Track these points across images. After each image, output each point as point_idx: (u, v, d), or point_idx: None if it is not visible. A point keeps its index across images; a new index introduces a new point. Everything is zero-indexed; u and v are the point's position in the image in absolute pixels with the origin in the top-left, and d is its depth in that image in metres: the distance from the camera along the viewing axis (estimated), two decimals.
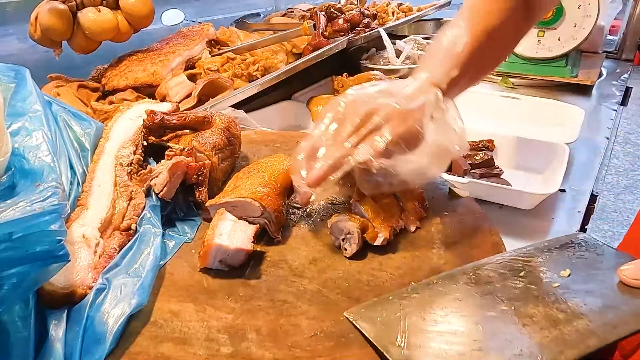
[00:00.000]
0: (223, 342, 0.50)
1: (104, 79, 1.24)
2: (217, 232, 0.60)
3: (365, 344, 0.50)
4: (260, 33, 1.56)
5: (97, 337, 0.49)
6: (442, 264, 0.62)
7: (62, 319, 0.50)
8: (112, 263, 0.56)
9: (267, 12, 1.92)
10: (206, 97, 1.16)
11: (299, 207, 0.72)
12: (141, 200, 0.64)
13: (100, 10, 1.16)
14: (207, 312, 0.54)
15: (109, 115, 1.10)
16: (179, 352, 0.49)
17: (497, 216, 0.88)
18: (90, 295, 0.52)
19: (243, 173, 0.70)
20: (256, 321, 0.53)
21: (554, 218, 0.92)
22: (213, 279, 0.59)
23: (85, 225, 0.58)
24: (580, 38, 1.36)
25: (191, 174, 0.68)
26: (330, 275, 0.59)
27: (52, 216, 0.45)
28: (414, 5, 1.87)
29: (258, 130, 1.04)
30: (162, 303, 0.55)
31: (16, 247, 0.43)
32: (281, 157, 0.72)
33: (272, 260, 0.62)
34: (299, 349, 0.49)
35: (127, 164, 0.67)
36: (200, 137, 0.74)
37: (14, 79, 0.66)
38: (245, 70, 1.28)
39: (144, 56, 1.27)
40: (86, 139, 0.68)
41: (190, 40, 1.34)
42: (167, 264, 0.61)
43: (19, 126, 0.60)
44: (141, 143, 0.70)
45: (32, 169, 0.55)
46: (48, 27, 1.12)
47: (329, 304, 0.55)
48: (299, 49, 1.43)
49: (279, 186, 0.67)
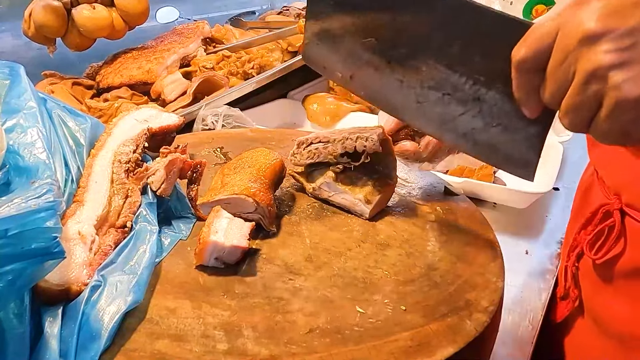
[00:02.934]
0: (219, 339, 0.50)
1: (99, 76, 1.23)
2: (212, 229, 0.60)
3: (360, 341, 0.50)
4: (256, 31, 1.56)
5: (93, 334, 0.49)
6: (436, 261, 0.62)
7: (58, 315, 0.49)
8: (107, 260, 0.56)
9: (263, 10, 1.92)
10: (201, 94, 1.16)
11: (292, 205, 0.72)
12: (137, 198, 0.64)
13: (95, 8, 1.15)
14: (203, 309, 0.54)
15: (104, 112, 1.10)
16: (175, 349, 0.49)
17: (492, 214, 0.89)
18: (85, 292, 0.52)
19: (228, 169, 0.70)
20: (252, 318, 0.53)
21: (548, 216, 0.93)
22: (209, 276, 0.59)
23: (80, 222, 0.58)
24: None
25: (186, 169, 0.68)
26: (325, 272, 0.60)
27: (47, 213, 0.45)
28: None
29: (254, 128, 1.05)
30: (158, 300, 0.55)
31: (11, 244, 0.43)
32: (265, 152, 0.72)
33: (268, 257, 0.62)
34: (295, 345, 0.50)
35: (126, 162, 0.67)
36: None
37: (8, 75, 0.66)
38: (241, 68, 1.28)
39: (138, 54, 1.27)
40: (81, 134, 0.68)
41: (185, 38, 1.34)
42: (163, 262, 0.61)
43: (14, 123, 0.60)
44: (142, 144, 0.70)
45: (27, 166, 0.55)
46: (42, 24, 1.12)
47: (324, 301, 0.55)
48: (295, 47, 1.43)
49: (267, 181, 0.67)
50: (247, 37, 1.45)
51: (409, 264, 0.61)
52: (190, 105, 1.12)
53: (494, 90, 0.51)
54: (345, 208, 0.70)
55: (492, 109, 0.52)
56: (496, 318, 0.57)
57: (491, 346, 0.60)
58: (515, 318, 0.72)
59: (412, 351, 0.49)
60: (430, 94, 0.55)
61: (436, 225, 0.69)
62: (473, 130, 0.54)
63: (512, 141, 0.52)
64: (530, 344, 0.70)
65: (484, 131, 0.53)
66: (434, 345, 0.50)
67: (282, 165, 0.72)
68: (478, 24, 0.50)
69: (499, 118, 0.52)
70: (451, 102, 0.54)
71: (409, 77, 0.57)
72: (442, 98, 0.55)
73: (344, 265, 0.61)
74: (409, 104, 0.58)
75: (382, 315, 0.54)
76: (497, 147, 0.53)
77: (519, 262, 0.83)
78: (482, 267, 0.62)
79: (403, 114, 0.61)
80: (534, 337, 0.71)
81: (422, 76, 0.55)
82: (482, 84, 0.51)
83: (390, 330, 0.52)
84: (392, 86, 0.58)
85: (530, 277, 0.81)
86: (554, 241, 0.88)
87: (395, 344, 0.50)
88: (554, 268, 0.83)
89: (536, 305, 0.75)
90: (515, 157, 0.53)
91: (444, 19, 0.52)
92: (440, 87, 0.54)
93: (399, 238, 0.66)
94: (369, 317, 0.53)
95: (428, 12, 0.53)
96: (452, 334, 0.52)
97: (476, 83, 0.52)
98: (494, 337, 0.60)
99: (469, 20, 0.51)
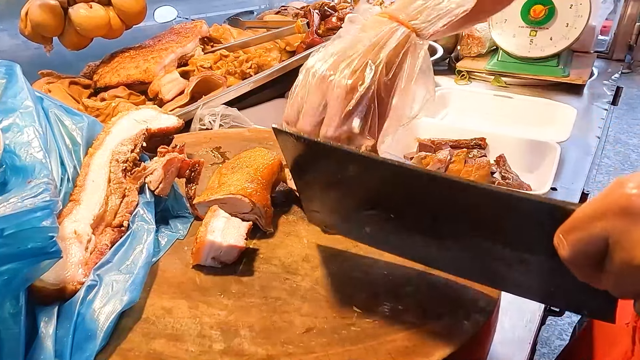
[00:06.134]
0: (216, 339, 0.50)
1: (96, 75, 1.23)
2: (209, 229, 0.60)
3: (357, 340, 0.50)
4: (254, 30, 1.56)
5: (88, 334, 0.48)
6: None
7: (53, 315, 0.49)
8: (103, 259, 0.55)
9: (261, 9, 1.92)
10: (199, 94, 1.16)
11: (290, 205, 0.72)
12: (134, 197, 0.64)
13: (92, 7, 1.15)
14: (199, 309, 0.53)
15: (101, 112, 1.10)
16: (171, 349, 0.49)
17: None
18: (81, 291, 0.51)
19: (226, 168, 0.70)
20: (249, 318, 0.53)
21: None
22: (206, 275, 0.59)
23: (77, 222, 0.58)
24: (572, 38, 1.37)
25: (184, 169, 0.68)
26: (323, 272, 0.59)
27: (44, 212, 0.45)
28: None
29: (251, 128, 1.04)
30: (154, 300, 0.55)
31: (7, 243, 0.43)
32: (262, 152, 0.72)
33: (265, 257, 0.62)
34: (292, 345, 0.50)
35: (123, 161, 0.67)
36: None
37: (4, 74, 0.66)
38: (239, 67, 1.28)
39: (136, 53, 1.27)
40: (78, 133, 0.68)
41: (183, 37, 1.33)
42: (160, 261, 0.61)
43: (10, 123, 0.60)
44: (140, 144, 0.70)
45: (24, 165, 0.54)
46: (39, 23, 1.12)
47: (322, 301, 0.55)
48: (293, 47, 1.43)
49: (265, 181, 0.67)
50: (245, 37, 1.45)
51: (407, 263, 0.61)
52: (188, 104, 1.12)
53: (539, 254, 0.42)
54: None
55: (542, 267, 0.43)
56: (493, 318, 0.57)
57: (488, 347, 0.60)
58: (512, 318, 0.72)
59: (409, 351, 0.49)
60: (465, 253, 0.48)
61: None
62: (531, 286, 0.47)
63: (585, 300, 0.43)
64: (528, 344, 0.70)
65: (542, 286, 0.46)
66: (431, 346, 0.50)
67: (279, 165, 0.71)
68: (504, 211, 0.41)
69: (553, 279, 0.43)
70: (492, 263, 0.46)
71: (436, 242, 0.50)
72: (482, 260, 0.47)
73: (341, 265, 0.61)
74: (446, 261, 0.51)
75: (380, 315, 0.53)
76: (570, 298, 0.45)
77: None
78: None
79: (437, 265, 0.55)
80: (532, 337, 0.71)
81: (451, 243, 0.48)
82: (524, 251, 0.43)
83: (388, 330, 0.51)
84: (418, 244, 0.51)
85: None
86: None
87: (392, 344, 0.50)
88: None
89: (533, 306, 0.75)
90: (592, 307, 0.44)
91: (465, 208, 0.44)
92: (475, 251, 0.47)
93: None
94: (366, 317, 0.53)
95: (448, 201, 0.44)
96: (450, 334, 0.51)
97: (516, 250, 0.43)
98: (491, 337, 0.60)
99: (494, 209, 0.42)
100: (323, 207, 0.59)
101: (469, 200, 0.43)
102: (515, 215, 0.41)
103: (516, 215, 0.41)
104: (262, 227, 0.65)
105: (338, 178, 0.51)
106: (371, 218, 0.52)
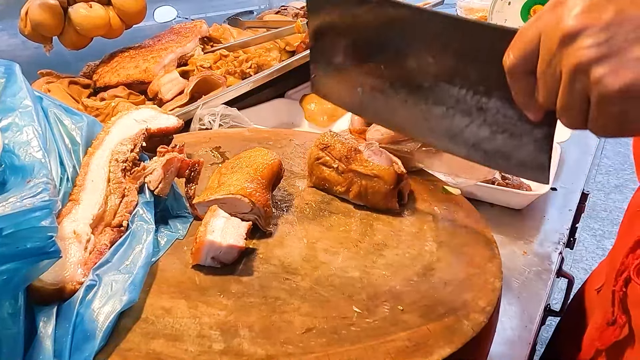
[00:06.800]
0: (215, 339, 0.50)
1: (96, 75, 1.23)
2: (209, 228, 0.60)
3: (357, 340, 0.50)
4: (254, 30, 1.56)
5: (87, 334, 0.48)
6: (434, 261, 0.62)
7: (52, 315, 0.49)
8: (103, 259, 0.55)
9: (260, 9, 1.91)
10: (199, 94, 1.16)
11: (289, 205, 0.72)
12: (134, 197, 0.64)
13: (92, 6, 1.15)
14: (199, 309, 0.53)
15: (101, 111, 1.09)
16: (171, 349, 0.49)
17: (489, 215, 0.89)
18: (80, 291, 0.51)
19: (226, 168, 0.70)
20: (248, 318, 0.52)
21: (545, 216, 0.93)
22: (205, 275, 0.58)
23: (76, 221, 0.58)
24: None
25: (184, 168, 0.68)
26: (322, 272, 0.59)
27: (43, 212, 0.45)
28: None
29: (251, 128, 1.04)
30: (154, 300, 0.55)
31: (6, 243, 0.43)
32: (263, 152, 0.72)
33: (265, 257, 0.62)
34: (291, 345, 0.49)
35: (123, 161, 0.66)
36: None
37: (3, 74, 0.65)
38: (238, 67, 1.28)
39: (136, 53, 1.27)
40: (77, 133, 0.68)
41: (182, 37, 1.33)
42: (159, 261, 0.61)
43: (9, 122, 0.60)
44: (140, 144, 0.70)
45: (23, 165, 0.54)
46: (38, 23, 1.12)
47: (321, 301, 0.55)
48: (292, 47, 1.42)
49: (264, 181, 0.67)
50: (245, 37, 1.45)
51: (406, 264, 0.61)
52: (188, 104, 1.12)
53: (495, 98, 0.52)
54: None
55: (496, 116, 0.52)
56: (493, 318, 0.57)
57: (488, 346, 0.60)
58: (512, 318, 0.72)
59: (409, 351, 0.49)
60: (435, 109, 0.57)
61: (434, 226, 0.69)
62: (481, 140, 0.55)
63: (521, 146, 0.52)
64: (528, 345, 0.70)
65: (492, 139, 0.54)
66: (431, 346, 0.50)
67: (279, 165, 0.71)
68: (468, 37, 0.51)
69: (504, 125, 0.52)
70: (456, 115, 0.55)
71: (412, 96, 0.58)
72: (447, 112, 0.56)
73: (341, 265, 0.61)
74: (417, 122, 0.59)
75: (379, 315, 0.53)
76: (507, 154, 0.54)
77: (517, 262, 0.83)
78: (480, 267, 0.61)
79: (413, 132, 0.64)
80: (532, 337, 0.71)
81: (425, 93, 0.57)
82: (482, 94, 0.52)
83: (387, 330, 0.51)
84: (398, 107, 0.60)
85: (527, 277, 0.81)
86: (551, 242, 0.88)
87: (392, 344, 0.50)
88: (551, 268, 0.83)
89: (534, 306, 0.75)
90: (526, 161, 0.53)
91: (435, 36, 0.54)
92: (443, 101, 0.56)
93: (396, 238, 0.66)
94: (366, 317, 0.53)
95: (421, 31, 0.55)
96: (450, 334, 0.51)
97: (476, 93, 0.53)
98: (491, 337, 0.59)
99: (460, 34, 0.52)
100: (327, 66, 0.67)
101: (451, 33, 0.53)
102: (476, 44, 0.51)
103: (476, 43, 0.50)
104: (262, 227, 0.65)
105: (350, 22, 0.61)
106: (365, 74, 0.62)
